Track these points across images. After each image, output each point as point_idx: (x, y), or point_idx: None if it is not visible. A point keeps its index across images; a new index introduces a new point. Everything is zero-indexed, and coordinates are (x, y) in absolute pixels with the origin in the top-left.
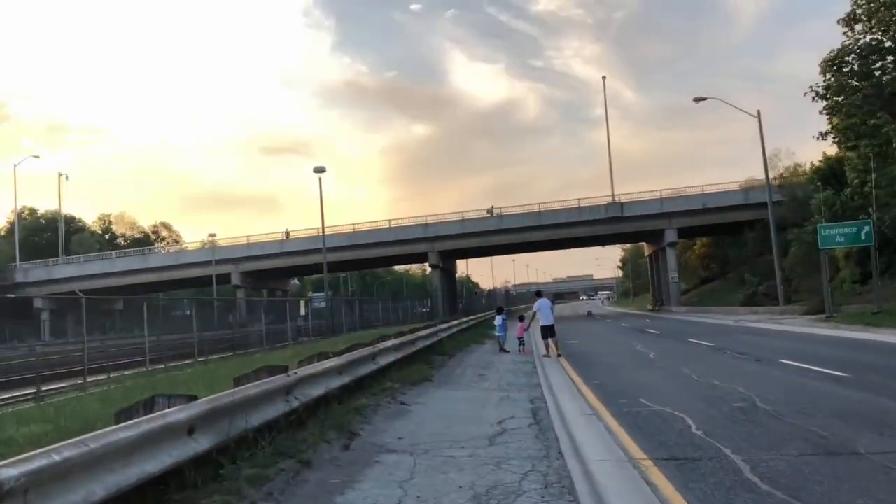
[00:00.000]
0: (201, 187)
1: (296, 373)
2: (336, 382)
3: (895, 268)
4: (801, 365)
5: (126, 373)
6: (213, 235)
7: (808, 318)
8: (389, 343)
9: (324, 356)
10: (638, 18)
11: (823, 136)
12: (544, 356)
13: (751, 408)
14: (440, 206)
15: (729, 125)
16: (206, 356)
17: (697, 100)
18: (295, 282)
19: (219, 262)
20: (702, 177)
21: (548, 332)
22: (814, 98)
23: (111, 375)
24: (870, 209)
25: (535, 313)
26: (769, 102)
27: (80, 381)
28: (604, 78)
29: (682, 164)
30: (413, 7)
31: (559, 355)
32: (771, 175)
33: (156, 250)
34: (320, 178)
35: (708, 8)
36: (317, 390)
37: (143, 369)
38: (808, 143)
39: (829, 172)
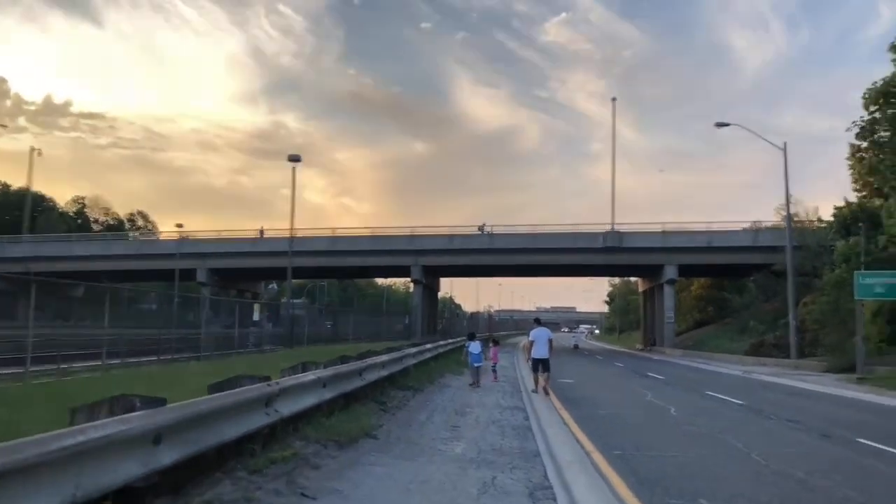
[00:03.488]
0: (192, 184)
1: None
2: (134, 470)
3: None
4: None
5: None
6: (180, 226)
7: (834, 376)
8: (310, 376)
9: (126, 404)
10: (645, 59)
11: (863, 175)
12: (533, 392)
13: None
14: (430, 224)
15: (728, 172)
16: (121, 358)
17: (719, 125)
18: (272, 286)
19: (186, 255)
20: (700, 219)
21: (540, 364)
22: (857, 134)
23: None
24: None
25: (532, 343)
26: (768, 153)
27: None
28: (613, 100)
29: (680, 207)
30: (423, 25)
31: (547, 394)
32: (779, 220)
33: (130, 238)
34: (294, 168)
35: (715, 56)
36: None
37: (21, 370)
38: (808, 194)
39: (852, 218)
